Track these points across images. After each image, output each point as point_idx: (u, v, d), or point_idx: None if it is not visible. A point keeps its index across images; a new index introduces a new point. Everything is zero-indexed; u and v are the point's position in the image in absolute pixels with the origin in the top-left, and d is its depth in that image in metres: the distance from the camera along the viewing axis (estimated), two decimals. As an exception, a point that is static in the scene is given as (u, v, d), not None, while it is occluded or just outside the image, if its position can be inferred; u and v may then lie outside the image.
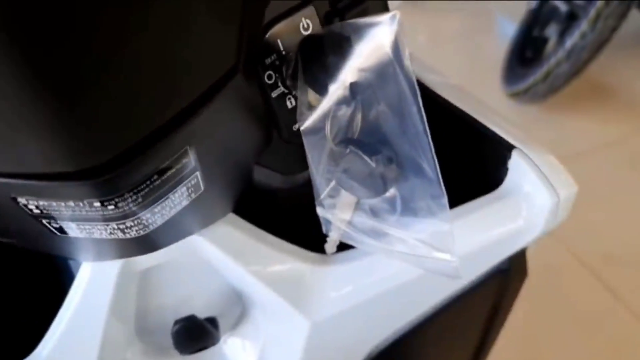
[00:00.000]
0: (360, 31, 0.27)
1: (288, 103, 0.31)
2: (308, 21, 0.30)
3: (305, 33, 0.30)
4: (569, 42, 1.50)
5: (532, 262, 0.48)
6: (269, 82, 0.30)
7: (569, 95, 1.75)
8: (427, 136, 0.27)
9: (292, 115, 0.31)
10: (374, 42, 0.26)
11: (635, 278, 1.35)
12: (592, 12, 1.44)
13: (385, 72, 0.27)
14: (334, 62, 0.28)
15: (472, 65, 1.98)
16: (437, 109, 0.41)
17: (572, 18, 1.57)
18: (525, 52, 1.75)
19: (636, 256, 1.39)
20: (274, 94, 0.30)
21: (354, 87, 0.28)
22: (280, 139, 0.31)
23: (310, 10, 0.31)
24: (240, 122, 0.28)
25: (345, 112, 0.30)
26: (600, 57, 1.67)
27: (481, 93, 1.48)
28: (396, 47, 0.26)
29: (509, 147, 0.38)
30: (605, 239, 1.43)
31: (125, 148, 0.21)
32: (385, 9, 0.34)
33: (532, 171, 0.37)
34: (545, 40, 1.69)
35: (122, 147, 0.21)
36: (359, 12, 0.32)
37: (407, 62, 0.26)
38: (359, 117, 0.30)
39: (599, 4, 1.43)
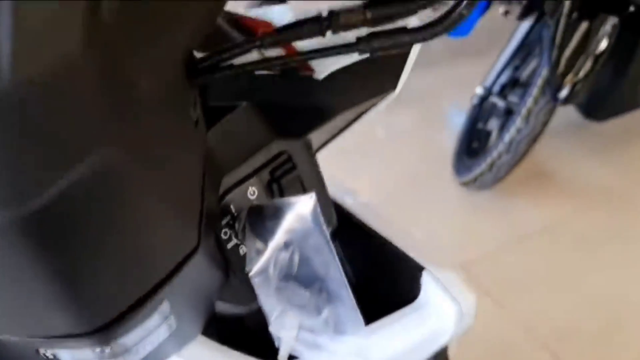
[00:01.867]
0: (289, 205, 0.37)
1: (240, 251, 0.40)
2: (254, 188, 0.41)
3: (252, 197, 0.41)
4: (507, 136, 1.66)
5: (486, 339, 0.57)
6: (225, 237, 0.39)
7: (515, 180, 1.90)
8: (342, 277, 0.37)
9: (244, 261, 0.40)
10: (299, 211, 0.37)
11: (585, 351, 1.44)
12: (524, 110, 1.62)
13: (308, 232, 0.37)
14: (273, 224, 0.38)
15: (427, 156, 2.13)
16: (361, 233, 0.51)
17: (509, 113, 1.74)
18: (472, 144, 1.90)
19: (585, 332, 1.49)
20: (229, 246, 0.40)
21: (288, 240, 0.38)
22: (236, 279, 0.41)
23: (255, 179, 0.41)
24: (204, 273, 0.37)
25: (284, 256, 0.40)
26: (542, 143, 1.84)
27: (436, 182, 1.63)
28: (315, 214, 0.36)
29: (420, 268, 0.48)
30: (556, 316, 1.53)
31: (121, 312, 0.30)
32: (315, 172, 0.44)
33: (439, 288, 0.47)
34: (488, 133, 1.86)
35: (119, 311, 0.30)
36: (292, 178, 0.42)
37: (323, 227, 0.36)
38: (295, 260, 0.40)
39: (528, 102, 1.61)
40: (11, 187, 0.22)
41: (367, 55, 0.32)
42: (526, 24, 1.81)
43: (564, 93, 1.58)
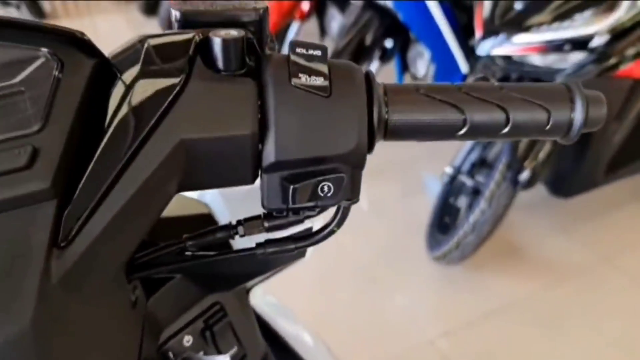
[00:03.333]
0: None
1: None
2: (189, 337, 0.49)
3: (188, 344, 0.49)
4: (472, 217, 1.76)
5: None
6: None
7: (486, 255, 1.99)
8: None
9: None
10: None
11: None
12: (487, 193, 1.72)
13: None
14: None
15: (403, 228, 2.22)
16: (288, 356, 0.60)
17: (476, 192, 1.85)
18: (444, 219, 2.00)
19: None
20: None
21: None
22: None
23: (190, 329, 0.50)
24: None
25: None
26: (511, 218, 1.93)
27: (410, 254, 1.72)
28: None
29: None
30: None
31: None
32: (246, 315, 0.53)
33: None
34: (458, 210, 1.96)
35: None
36: (224, 325, 0.51)
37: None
38: None
39: (491, 185, 1.71)
40: None
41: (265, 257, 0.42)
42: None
43: (524, 177, 1.69)
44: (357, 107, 0.35)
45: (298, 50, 0.35)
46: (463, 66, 2.34)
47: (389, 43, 2.37)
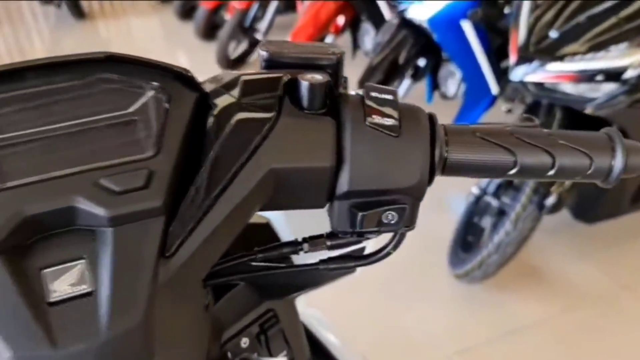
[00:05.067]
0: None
1: None
2: (246, 339, 0.54)
3: (245, 346, 0.54)
4: (497, 238, 1.79)
5: None
6: None
7: (507, 276, 2.01)
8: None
9: None
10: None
11: None
12: (513, 215, 1.75)
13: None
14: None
15: (426, 244, 2.25)
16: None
17: (501, 213, 1.88)
18: (467, 237, 2.03)
19: None
20: None
21: None
22: None
23: (247, 332, 0.54)
24: None
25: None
26: (534, 241, 1.96)
27: (432, 271, 1.75)
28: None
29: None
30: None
31: None
32: (294, 322, 0.58)
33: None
34: (482, 229, 1.99)
35: None
36: (276, 331, 0.56)
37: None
38: None
39: (517, 208, 1.74)
40: None
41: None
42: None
43: (549, 202, 1.72)
44: (422, 146, 0.40)
45: (372, 93, 0.40)
46: (493, 88, 2.37)
47: (421, 62, 2.41)
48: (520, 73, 1.62)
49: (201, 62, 4.17)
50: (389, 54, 2.26)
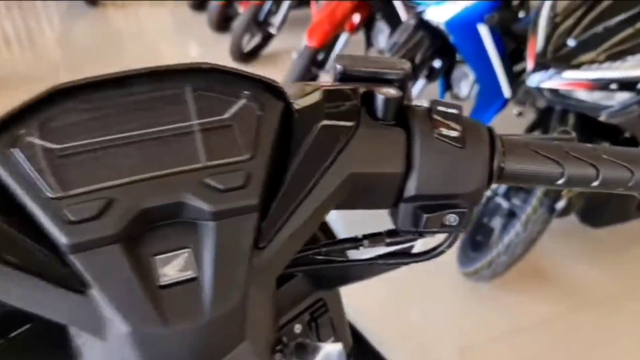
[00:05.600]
0: (323, 348, 0.55)
1: None
2: (299, 325, 0.59)
3: (298, 332, 0.59)
4: (507, 239, 1.84)
5: None
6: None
7: (514, 275, 2.06)
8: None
9: None
10: (329, 352, 0.55)
11: None
12: (524, 217, 1.80)
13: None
14: (311, 357, 0.56)
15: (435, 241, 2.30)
16: (366, 355, 0.69)
17: (511, 215, 1.92)
18: (477, 237, 2.08)
19: None
20: None
21: None
22: None
23: (300, 319, 0.59)
24: None
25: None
26: (541, 243, 2.00)
27: (441, 268, 1.81)
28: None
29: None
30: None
31: None
32: (341, 312, 0.62)
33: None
34: (492, 230, 2.03)
35: None
36: (326, 319, 0.60)
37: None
38: None
39: (528, 210, 1.79)
40: None
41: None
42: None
43: (560, 205, 1.76)
44: (483, 157, 0.44)
45: (439, 107, 0.45)
46: (506, 91, 2.41)
47: (437, 63, 2.45)
48: (537, 79, 1.66)
49: (214, 53, 4.21)
50: (405, 54, 2.30)
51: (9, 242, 0.36)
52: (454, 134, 0.44)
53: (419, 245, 0.54)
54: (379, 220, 0.52)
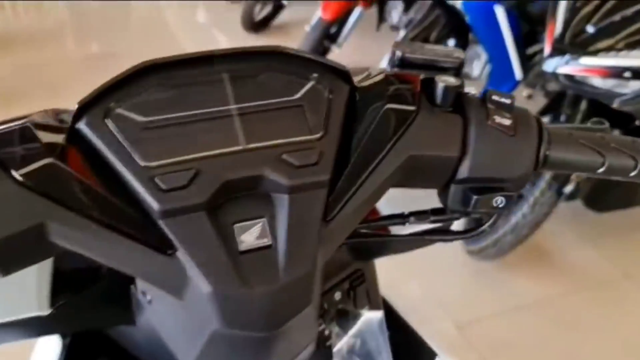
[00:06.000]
0: (363, 314, 0.59)
1: (325, 332, 0.62)
2: (338, 293, 0.62)
3: (337, 299, 0.62)
4: (514, 219, 1.88)
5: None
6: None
7: (516, 255, 2.11)
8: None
9: (327, 339, 0.62)
10: (370, 319, 0.58)
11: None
12: (532, 199, 1.84)
13: (374, 336, 0.59)
14: (351, 323, 0.60)
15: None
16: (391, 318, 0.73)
17: (519, 196, 1.96)
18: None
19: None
20: (319, 329, 0.61)
21: (355, 336, 0.60)
22: (319, 350, 0.62)
23: (339, 287, 0.63)
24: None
25: (352, 342, 0.61)
26: (545, 225, 2.05)
27: (445, 245, 1.83)
28: (381, 326, 0.58)
29: (434, 354, 0.69)
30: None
31: None
32: (375, 282, 0.66)
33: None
34: (498, 210, 2.07)
35: None
36: (362, 288, 0.64)
37: (385, 335, 0.58)
38: (358, 348, 0.61)
39: (536, 192, 1.83)
40: None
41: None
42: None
43: (568, 189, 1.80)
44: (531, 144, 0.48)
45: (493, 97, 0.48)
46: (518, 73, 2.43)
47: (451, 42, 2.46)
48: (553, 64, 1.68)
49: (225, 21, 4.20)
50: (420, 32, 2.32)
51: (105, 205, 0.39)
52: (506, 122, 0.47)
53: (455, 226, 0.57)
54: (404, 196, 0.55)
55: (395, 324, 0.72)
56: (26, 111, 0.43)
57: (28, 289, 0.51)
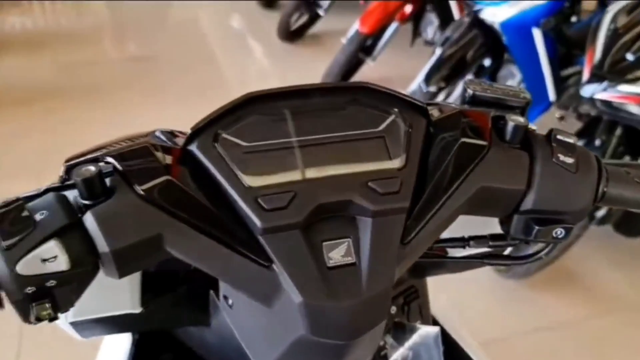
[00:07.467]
0: (419, 329, 0.63)
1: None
2: (394, 307, 0.66)
3: (393, 312, 0.66)
4: (543, 241, 1.90)
5: None
6: None
7: (543, 276, 2.13)
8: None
9: (383, 348, 0.66)
10: (425, 334, 0.62)
11: None
12: (563, 222, 1.85)
13: (429, 351, 0.62)
14: (407, 336, 0.64)
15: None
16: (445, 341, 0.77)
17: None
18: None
19: None
20: None
21: (410, 349, 0.64)
22: None
23: (395, 302, 0.67)
24: None
25: (406, 354, 0.65)
26: (574, 248, 2.06)
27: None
28: (437, 341, 0.62)
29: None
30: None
31: None
32: (426, 298, 0.70)
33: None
34: (527, 230, 2.09)
35: None
36: (415, 304, 0.68)
37: (440, 350, 0.62)
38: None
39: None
40: None
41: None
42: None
43: (600, 214, 1.82)
44: (591, 182, 0.51)
45: (558, 136, 0.52)
46: (551, 94, 2.45)
47: (487, 62, 2.50)
48: (591, 90, 1.70)
49: (261, 29, 4.27)
50: (457, 50, 2.35)
51: (213, 220, 0.44)
52: (569, 160, 0.51)
53: (507, 251, 0.61)
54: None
55: (445, 340, 0.76)
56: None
57: (122, 289, 0.56)
